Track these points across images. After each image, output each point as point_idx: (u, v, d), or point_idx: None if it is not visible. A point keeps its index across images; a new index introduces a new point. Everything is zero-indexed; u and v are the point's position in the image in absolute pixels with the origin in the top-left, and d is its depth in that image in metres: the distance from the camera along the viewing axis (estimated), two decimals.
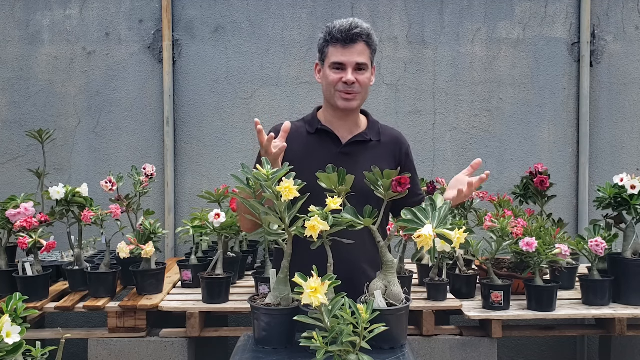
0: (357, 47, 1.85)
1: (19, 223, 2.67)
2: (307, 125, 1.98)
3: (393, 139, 2.01)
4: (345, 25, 1.84)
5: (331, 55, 1.87)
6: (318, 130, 1.94)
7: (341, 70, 1.86)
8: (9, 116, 3.73)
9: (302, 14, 3.74)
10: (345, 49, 1.85)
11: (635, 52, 3.78)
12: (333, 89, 1.88)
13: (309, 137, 1.95)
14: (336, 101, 1.89)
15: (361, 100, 1.91)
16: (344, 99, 1.87)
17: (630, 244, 2.70)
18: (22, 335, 1.24)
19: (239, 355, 1.59)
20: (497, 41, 3.77)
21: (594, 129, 3.77)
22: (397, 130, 2.07)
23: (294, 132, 1.89)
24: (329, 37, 1.87)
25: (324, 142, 1.89)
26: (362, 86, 1.88)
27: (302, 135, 1.95)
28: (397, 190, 1.57)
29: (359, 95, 1.89)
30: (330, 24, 1.89)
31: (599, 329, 2.78)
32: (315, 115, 1.99)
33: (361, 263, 1.90)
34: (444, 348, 2.63)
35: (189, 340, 2.66)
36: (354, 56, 1.85)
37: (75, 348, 3.32)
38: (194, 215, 2.82)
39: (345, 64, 1.85)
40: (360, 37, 1.85)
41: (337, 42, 1.85)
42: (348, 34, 1.83)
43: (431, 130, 3.78)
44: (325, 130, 1.94)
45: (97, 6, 3.73)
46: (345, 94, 1.87)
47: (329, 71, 1.88)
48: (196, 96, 3.75)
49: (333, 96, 1.89)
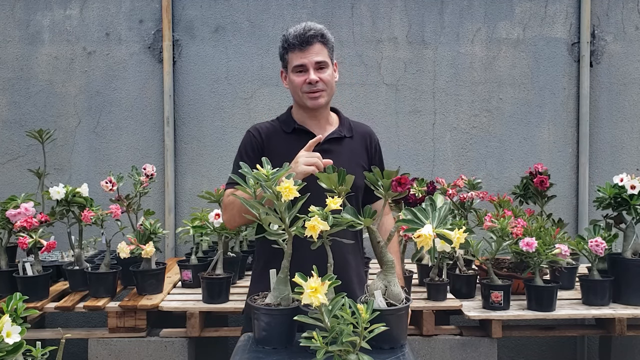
0: (313, 48, 1.94)
1: (19, 223, 2.67)
2: (282, 125, 2.05)
3: (364, 134, 2.10)
4: (299, 30, 1.94)
5: (292, 61, 1.97)
6: (295, 129, 2.02)
7: (303, 72, 1.95)
8: (9, 116, 3.73)
9: (302, 14, 3.74)
10: (303, 52, 1.94)
11: (635, 52, 3.78)
12: (300, 91, 1.97)
13: (288, 137, 2.01)
14: (305, 102, 1.98)
15: (328, 96, 2.00)
16: (311, 98, 1.96)
17: (630, 244, 2.70)
18: (22, 335, 1.24)
19: (239, 355, 1.60)
20: (497, 41, 3.77)
21: (593, 129, 3.77)
22: (367, 125, 2.17)
23: (272, 132, 2.01)
24: (286, 44, 1.97)
25: (302, 141, 1.92)
26: (325, 83, 1.96)
27: (280, 135, 2.02)
28: (397, 190, 1.57)
29: (324, 92, 1.97)
30: (286, 32, 1.99)
31: (599, 329, 2.78)
32: (290, 115, 2.07)
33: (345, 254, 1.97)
34: (444, 348, 2.63)
35: (189, 340, 2.66)
36: (312, 56, 1.94)
37: (75, 348, 3.32)
38: (194, 215, 2.82)
39: (306, 65, 1.94)
40: (315, 38, 1.95)
41: (295, 47, 1.95)
42: (303, 38, 1.93)
43: (431, 130, 3.78)
44: (303, 129, 2.01)
45: (97, 6, 3.73)
46: (311, 93, 1.95)
47: (293, 76, 1.97)
48: (196, 96, 3.75)
49: (301, 98, 1.98)
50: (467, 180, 3.33)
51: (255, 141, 2.00)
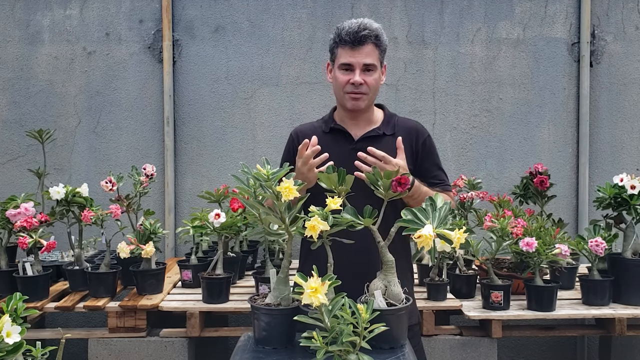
0: (364, 48, 1.88)
1: (19, 223, 2.67)
2: (324, 124, 2.04)
3: (408, 130, 2.02)
4: (353, 27, 1.87)
5: (340, 57, 1.91)
6: (332, 129, 1.99)
7: (349, 71, 1.90)
8: (9, 116, 3.73)
9: (302, 14, 3.74)
10: (353, 51, 1.88)
11: (635, 52, 3.78)
12: (342, 91, 1.92)
13: (324, 136, 1.98)
14: (345, 102, 1.94)
15: (369, 100, 1.95)
16: (352, 99, 1.92)
17: (630, 244, 2.70)
18: (22, 335, 1.24)
19: (239, 355, 1.60)
20: (497, 41, 3.77)
21: (593, 129, 3.77)
22: (415, 121, 2.08)
23: (311, 132, 1.95)
24: (337, 38, 1.92)
25: (337, 141, 1.92)
26: (369, 87, 1.92)
27: (319, 134, 1.97)
28: (397, 190, 1.57)
29: (366, 96, 1.92)
30: (340, 24, 1.92)
31: (599, 329, 2.78)
32: (332, 115, 2.05)
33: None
34: (444, 348, 2.63)
35: (189, 340, 2.66)
36: (362, 57, 1.88)
37: (75, 348, 3.32)
38: (194, 215, 2.82)
39: (353, 65, 1.89)
40: (369, 39, 1.89)
41: (346, 44, 1.89)
42: (356, 36, 1.87)
43: (431, 130, 3.78)
44: (339, 129, 1.98)
45: (97, 6, 3.73)
46: (353, 94, 1.91)
47: (338, 72, 1.92)
48: (196, 96, 3.75)
49: (342, 97, 1.94)
50: (467, 180, 3.33)
51: (293, 145, 1.99)
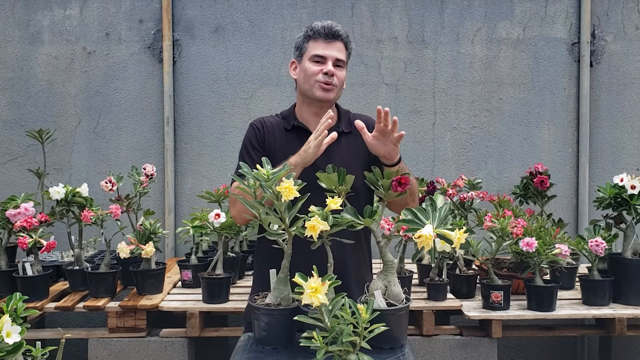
0: (337, 44, 1.96)
1: (19, 223, 2.67)
2: (284, 121, 2.04)
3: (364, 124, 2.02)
4: (327, 23, 1.96)
5: (312, 49, 1.96)
6: (294, 127, 2.00)
7: (321, 63, 1.95)
8: (9, 116, 3.73)
9: (302, 14, 3.74)
10: (327, 44, 1.95)
11: (635, 52, 3.78)
12: (313, 80, 1.94)
13: (286, 134, 2.00)
14: (314, 92, 1.95)
15: (336, 95, 1.99)
16: (323, 89, 1.94)
17: (630, 244, 2.70)
18: (22, 335, 1.24)
19: (239, 355, 1.60)
20: (497, 41, 3.77)
21: (594, 129, 3.77)
22: (367, 116, 2.09)
23: (272, 128, 1.99)
24: (310, 32, 1.97)
25: (299, 139, 1.92)
26: (339, 81, 1.96)
27: (280, 131, 2.00)
28: (398, 190, 1.57)
29: (335, 89, 1.96)
30: (311, 24, 1.99)
31: (599, 329, 2.78)
32: (293, 112, 2.05)
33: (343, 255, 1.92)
34: (444, 348, 2.63)
35: (189, 340, 2.66)
36: (335, 51, 1.95)
37: (75, 348, 3.32)
38: (194, 215, 2.82)
39: (326, 57, 1.94)
40: (341, 37, 1.97)
41: (320, 36, 1.95)
42: (330, 30, 1.94)
43: (431, 130, 3.78)
44: (302, 127, 2.00)
45: (97, 6, 3.73)
46: (325, 84, 1.93)
47: (309, 64, 1.95)
48: (196, 96, 3.75)
49: (312, 87, 1.95)
50: (467, 180, 3.33)
51: (259, 134, 1.98)
